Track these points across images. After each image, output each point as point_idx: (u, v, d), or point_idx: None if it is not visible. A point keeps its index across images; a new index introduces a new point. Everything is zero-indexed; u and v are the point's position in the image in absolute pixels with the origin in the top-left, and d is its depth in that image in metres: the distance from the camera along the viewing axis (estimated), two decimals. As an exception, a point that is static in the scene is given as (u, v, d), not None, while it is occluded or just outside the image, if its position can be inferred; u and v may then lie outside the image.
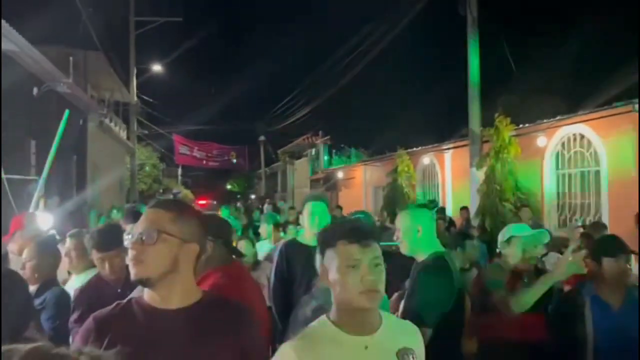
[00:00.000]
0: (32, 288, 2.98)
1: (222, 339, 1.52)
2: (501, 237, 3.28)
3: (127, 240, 1.51)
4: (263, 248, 5.55)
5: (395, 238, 2.67)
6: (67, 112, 4.71)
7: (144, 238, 1.48)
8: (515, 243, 3.14)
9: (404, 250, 2.64)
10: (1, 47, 6.67)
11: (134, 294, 1.68)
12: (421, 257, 2.62)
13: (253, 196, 34.38)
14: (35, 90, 9.98)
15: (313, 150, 26.76)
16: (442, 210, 11.52)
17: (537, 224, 8.06)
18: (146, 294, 1.54)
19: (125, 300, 1.57)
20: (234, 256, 2.48)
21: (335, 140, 25.29)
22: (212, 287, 2.02)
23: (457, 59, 11.13)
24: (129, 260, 1.51)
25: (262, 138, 34.69)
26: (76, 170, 13.66)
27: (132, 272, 1.48)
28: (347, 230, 1.65)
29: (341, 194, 22.47)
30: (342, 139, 25.18)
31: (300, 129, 28.36)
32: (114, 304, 1.55)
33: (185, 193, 37.71)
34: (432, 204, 10.10)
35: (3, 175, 7.18)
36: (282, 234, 5.99)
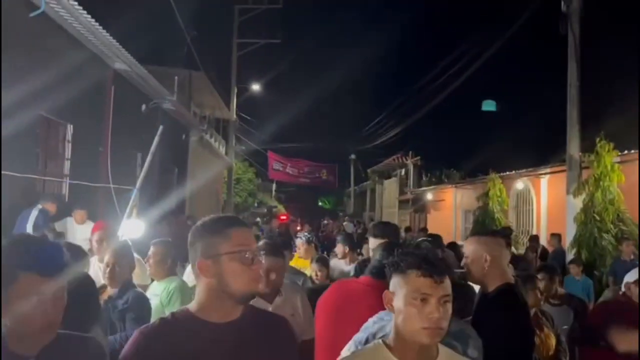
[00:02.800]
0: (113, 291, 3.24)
1: (266, 351, 1.55)
2: None
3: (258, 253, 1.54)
4: (338, 268, 5.48)
5: (462, 264, 2.59)
6: (160, 127, 4.99)
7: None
8: None
9: (470, 279, 2.52)
10: None
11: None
12: (487, 288, 2.47)
13: (341, 213, 34.47)
14: (143, 107, 10.73)
15: (402, 171, 26.39)
16: (535, 238, 10.82)
17: (641, 259, 7.29)
18: (200, 308, 1.53)
19: (169, 316, 1.57)
20: None
21: (426, 161, 24.79)
22: None
23: (556, 79, 10.49)
24: (257, 273, 1.52)
25: (352, 157, 34.81)
26: (177, 182, 14.48)
27: (260, 286, 1.54)
28: (421, 261, 1.63)
29: (430, 216, 21.90)
30: (432, 159, 24.64)
31: (391, 149, 28.19)
32: (159, 320, 1.55)
33: (279, 208, 38.81)
34: (506, 231, 9.53)
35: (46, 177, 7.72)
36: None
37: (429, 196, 21.12)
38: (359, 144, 33.67)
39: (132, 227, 4.50)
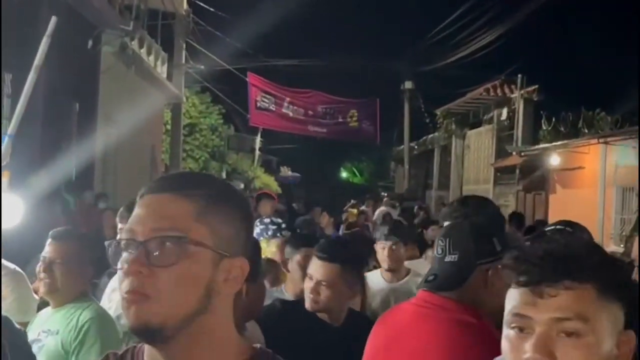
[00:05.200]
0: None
1: None
2: None
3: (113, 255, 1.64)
4: (378, 287, 5.67)
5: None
6: (53, 19, 4.88)
7: (151, 252, 1.57)
8: None
9: None
10: None
11: None
12: None
13: (385, 194, 34.38)
14: (13, -14, 10.62)
15: (503, 112, 26.20)
16: None
17: None
18: (148, 354, 1.66)
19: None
20: None
21: (548, 94, 24.53)
22: None
23: None
24: (121, 293, 1.59)
25: (407, 86, 34.54)
26: (78, 128, 14.52)
27: (129, 314, 1.57)
28: (515, 260, 1.77)
29: (554, 197, 21.95)
30: (560, 92, 24.34)
31: (479, 72, 27.99)
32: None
33: (267, 181, 38.60)
34: None
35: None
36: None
37: (554, 160, 20.97)
38: (418, 61, 33.57)
39: (4, 207, 4.48)
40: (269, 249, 5.38)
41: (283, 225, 6.22)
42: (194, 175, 1.83)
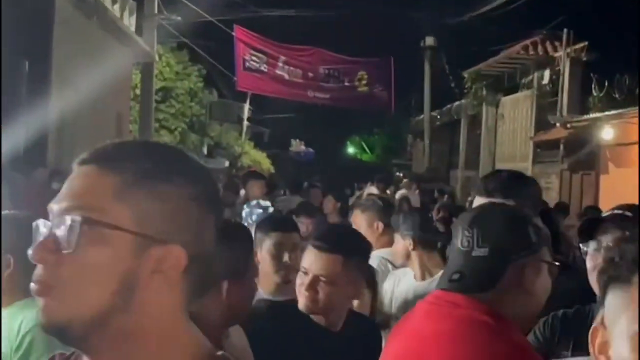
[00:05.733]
0: None
1: None
2: None
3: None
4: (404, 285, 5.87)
5: None
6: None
7: (59, 235, 1.59)
8: None
9: None
10: None
11: None
12: None
13: (400, 174, 34.41)
14: None
15: (545, 74, 26.17)
16: None
17: None
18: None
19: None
20: None
21: (598, 51, 24.49)
22: None
23: None
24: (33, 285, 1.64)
25: (428, 42, 34.66)
26: (28, 92, 14.50)
27: (38, 308, 1.61)
28: None
29: (606, 178, 22.03)
30: (613, 49, 24.19)
31: (515, 25, 28.15)
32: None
33: (258, 158, 38.64)
34: None
35: None
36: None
37: (607, 134, 21.03)
38: (442, 12, 33.83)
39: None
40: None
41: (270, 209, 6.08)
42: (131, 144, 1.81)
